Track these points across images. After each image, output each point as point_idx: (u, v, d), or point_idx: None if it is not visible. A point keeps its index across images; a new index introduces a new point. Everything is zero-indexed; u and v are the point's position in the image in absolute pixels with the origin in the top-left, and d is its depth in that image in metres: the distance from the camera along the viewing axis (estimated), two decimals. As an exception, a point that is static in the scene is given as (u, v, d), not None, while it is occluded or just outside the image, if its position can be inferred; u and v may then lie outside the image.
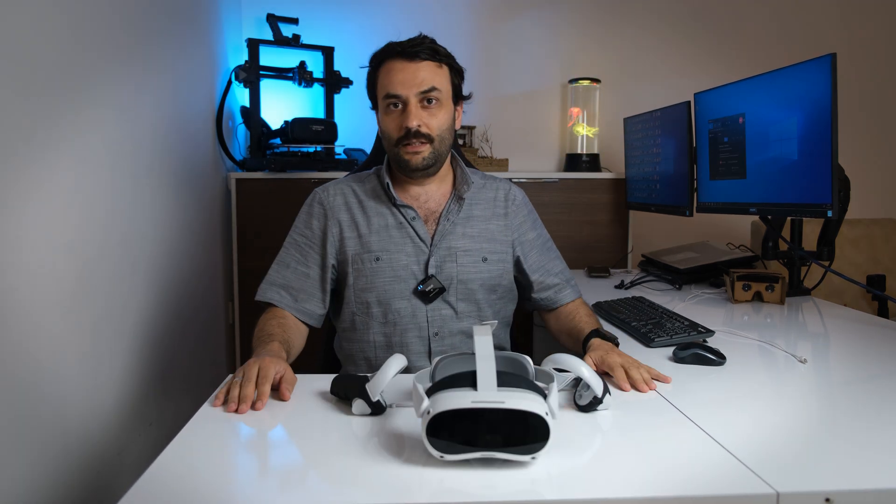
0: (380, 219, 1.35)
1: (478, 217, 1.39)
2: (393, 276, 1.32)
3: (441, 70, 1.31)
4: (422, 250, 1.34)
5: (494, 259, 1.38)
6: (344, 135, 2.59)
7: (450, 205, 1.37)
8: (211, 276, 2.25)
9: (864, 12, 2.94)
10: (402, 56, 1.28)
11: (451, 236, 1.35)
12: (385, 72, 1.30)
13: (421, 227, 1.34)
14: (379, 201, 1.37)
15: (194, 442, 0.87)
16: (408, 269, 1.32)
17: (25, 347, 1.13)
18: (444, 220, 1.36)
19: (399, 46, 1.29)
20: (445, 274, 1.33)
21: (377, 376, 0.93)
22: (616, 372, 1.08)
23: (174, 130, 1.88)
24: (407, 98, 1.27)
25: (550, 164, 2.91)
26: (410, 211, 1.35)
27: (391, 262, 1.32)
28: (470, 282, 1.34)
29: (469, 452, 0.77)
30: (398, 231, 1.34)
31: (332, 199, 1.38)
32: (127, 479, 1.45)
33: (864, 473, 0.78)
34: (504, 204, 1.43)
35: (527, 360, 0.99)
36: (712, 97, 1.98)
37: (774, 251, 1.88)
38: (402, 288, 1.32)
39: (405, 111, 1.28)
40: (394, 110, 1.29)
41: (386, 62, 1.30)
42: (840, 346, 1.42)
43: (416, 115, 1.27)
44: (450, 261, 1.34)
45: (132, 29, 1.57)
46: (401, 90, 1.27)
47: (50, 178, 1.21)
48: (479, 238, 1.37)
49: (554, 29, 2.84)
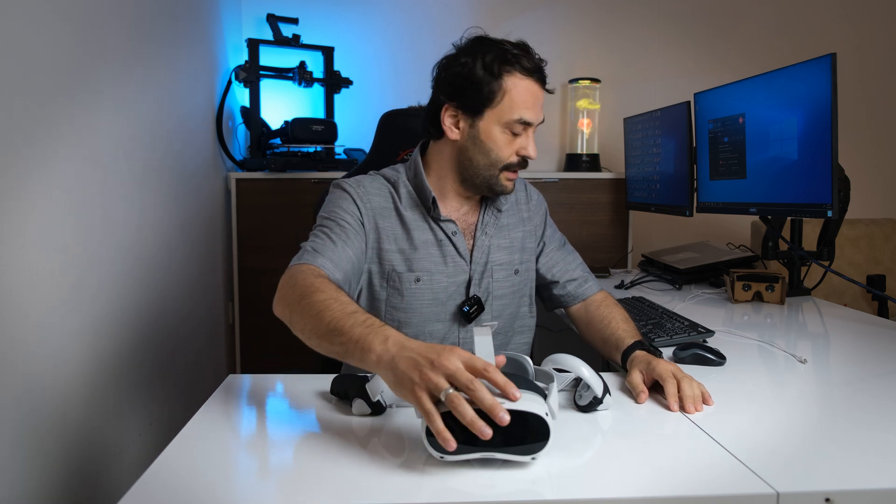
0: (420, 233, 1.24)
1: (507, 226, 1.33)
2: (432, 298, 1.24)
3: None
4: (462, 269, 1.26)
5: (523, 269, 1.33)
6: (344, 135, 2.59)
7: (484, 217, 1.29)
8: (211, 275, 2.25)
9: (864, 12, 2.94)
10: (539, 80, 1.19)
11: (488, 251, 1.28)
12: (522, 89, 1.17)
13: (461, 243, 1.26)
14: (417, 212, 1.25)
15: (194, 442, 0.87)
16: (447, 290, 1.25)
17: (25, 347, 1.13)
18: (481, 233, 1.28)
19: (534, 64, 1.18)
20: (482, 290, 1.27)
21: (377, 377, 0.93)
22: (668, 385, 0.99)
23: (174, 130, 1.88)
24: (533, 126, 1.19)
25: (550, 164, 2.91)
26: (451, 225, 1.25)
27: (431, 283, 1.23)
28: (504, 296, 1.29)
29: (469, 453, 0.77)
30: (438, 249, 1.25)
31: (369, 198, 1.23)
32: (127, 479, 1.45)
33: (863, 473, 0.78)
34: (526, 206, 1.38)
35: (526, 360, 0.99)
36: (712, 97, 1.98)
37: (774, 251, 1.88)
38: (439, 311, 1.25)
39: (525, 137, 1.19)
40: (516, 133, 1.19)
41: (520, 76, 1.17)
42: (840, 346, 1.42)
43: (534, 145, 1.21)
44: (487, 277, 1.28)
45: (132, 29, 1.57)
46: (533, 118, 1.18)
47: (50, 178, 1.21)
48: (512, 249, 1.31)
49: (554, 29, 2.85)
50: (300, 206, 2.38)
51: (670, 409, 0.97)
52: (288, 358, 1.74)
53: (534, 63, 1.18)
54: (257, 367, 2.44)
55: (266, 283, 1.29)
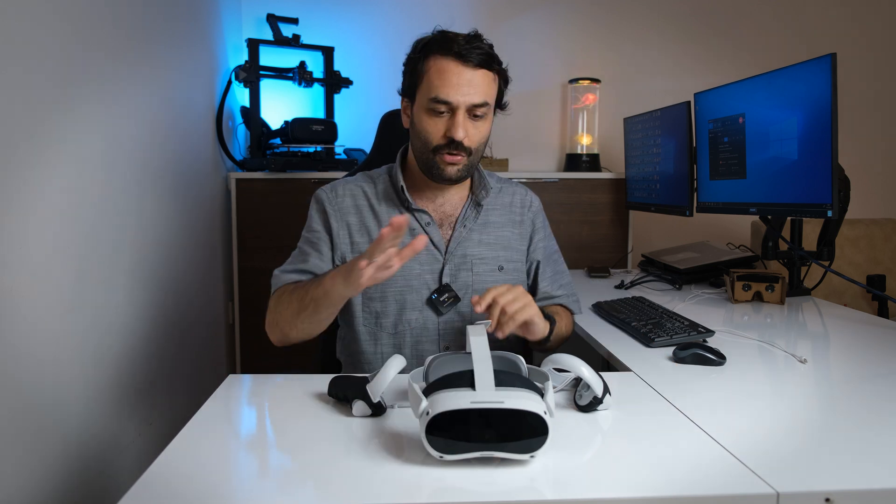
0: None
1: (494, 223, 1.33)
2: (405, 285, 1.26)
3: (493, 81, 1.21)
4: (436, 258, 1.28)
5: (510, 268, 1.33)
6: (344, 135, 2.59)
7: (466, 210, 1.31)
8: (211, 275, 2.25)
9: (864, 12, 2.94)
10: (459, 58, 1.17)
11: (466, 243, 1.30)
12: (437, 71, 1.18)
13: (436, 233, 1.28)
14: (391, 204, 1.30)
15: (194, 442, 0.87)
16: (421, 278, 1.27)
17: (25, 347, 1.13)
18: (461, 225, 1.30)
19: (456, 45, 1.17)
20: (460, 283, 1.28)
21: (377, 377, 0.93)
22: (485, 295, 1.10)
23: (174, 130, 1.88)
24: (457, 106, 1.18)
25: (550, 164, 2.91)
26: (425, 216, 1.28)
27: (403, 270, 1.21)
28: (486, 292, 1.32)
29: (469, 452, 0.77)
30: (411, 237, 1.24)
31: (339, 200, 1.30)
32: (127, 479, 1.45)
33: (863, 473, 0.78)
34: (521, 210, 1.38)
35: (520, 359, 0.99)
36: (712, 97, 1.98)
37: (774, 251, 1.88)
38: (415, 298, 1.27)
39: (451, 118, 1.19)
40: (439, 114, 1.19)
41: (439, 58, 1.19)
42: (840, 346, 1.42)
43: (464, 127, 1.18)
44: (465, 269, 1.29)
45: (132, 29, 1.57)
46: (453, 98, 1.17)
47: (50, 178, 1.21)
48: (496, 245, 1.32)
49: (554, 29, 2.85)
50: (300, 206, 2.36)
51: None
52: (288, 358, 1.74)
53: (459, 44, 1.17)
54: (257, 367, 2.43)
55: (266, 282, 1.29)
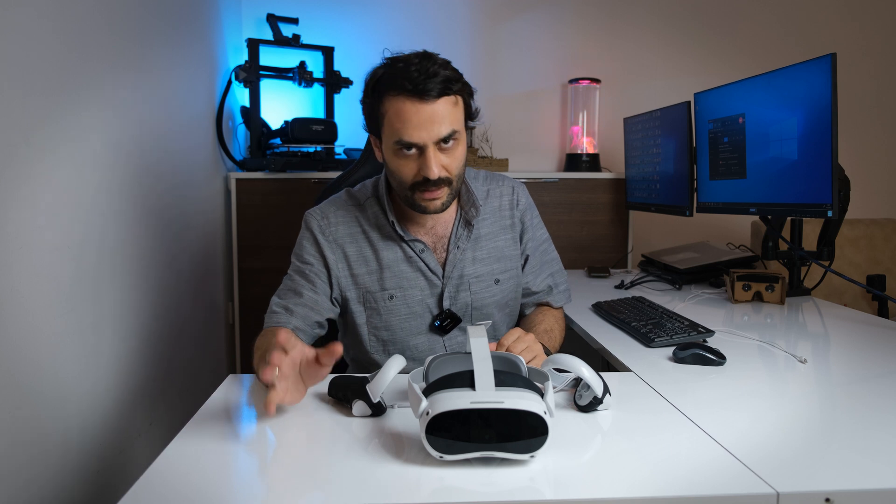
0: (389, 253, 1.26)
1: (486, 235, 1.32)
2: (408, 313, 1.27)
3: (457, 104, 1.14)
4: (434, 283, 1.28)
5: (506, 278, 1.34)
6: (344, 135, 2.59)
7: (457, 230, 1.29)
8: (211, 276, 2.25)
9: (864, 12, 2.94)
10: (415, 95, 1.09)
11: (462, 263, 1.29)
12: (395, 112, 1.11)
13: (431, 259, 1.27)
14: (384, 233, 1.27)
15: (194, 442, 0.87)
16: (423, 303, 1.28)
17: (25, 347, 1.13)
18: (454, 247, 1.28)
19: (410, 83, 1.09)
20: (460, 304, 1.29)
21: (378, 378, 0.93)
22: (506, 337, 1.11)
23: (174, 130, 1.88)
24: (424, 145, 1.12)
25: (550, 164, 2.91)
26: (419, 244, 1.26)
27: (405, 299, 1.26)
28: (485, 307, 1.31)
29: (469, 452, 0.77)
30: (408, 265, 1.27)
31: (333, 230, 1.27)
32: (127, 479, 1.45)
33: (864, 473, 0.78)
34: (510, 213, 1.36)
35: (520, 359, 0.99)
36: (712, 97, 1.98)
37: (774, 251, 1.88)
38: (419, 324, 1.28)
39: (422, 157, 1.13)
40: (407, 154, 1.14)
41: (394, 98, 1.11)
42: (840, 346, 1.42)
43: (437, 162, 1.13)
44: (463, 290, 1.29)
45: (132, 29, 1.57)
46: (417, 138, 1.11)
47: (50, 179, 1.21)
48: (490, 259, 1.32)
49: (554, 29, 2.85)
50: (300, 206, 2.37)
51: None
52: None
53: (413, 81, 1.09)
54: (257, 367, 2.43)
55: (266, 283, 1.29)
